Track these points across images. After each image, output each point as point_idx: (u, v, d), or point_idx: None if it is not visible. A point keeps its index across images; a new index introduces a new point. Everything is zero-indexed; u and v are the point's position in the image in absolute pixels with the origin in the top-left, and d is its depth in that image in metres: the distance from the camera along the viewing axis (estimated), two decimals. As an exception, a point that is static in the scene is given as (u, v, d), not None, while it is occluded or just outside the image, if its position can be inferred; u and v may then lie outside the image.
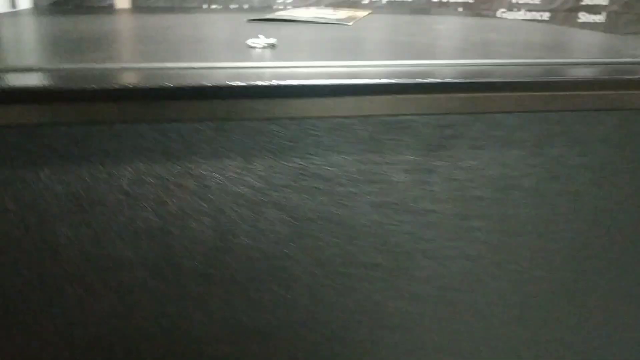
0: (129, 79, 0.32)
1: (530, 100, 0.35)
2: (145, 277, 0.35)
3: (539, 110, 0.36)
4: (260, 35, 0.44)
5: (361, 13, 0.78)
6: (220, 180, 0.34)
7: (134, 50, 0.43)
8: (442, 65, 0.38)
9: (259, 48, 0.42)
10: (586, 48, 0.52)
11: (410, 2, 1.15)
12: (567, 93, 0.35)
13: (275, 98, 0.32)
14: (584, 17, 1.22)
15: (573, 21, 1.21)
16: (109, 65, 0.35)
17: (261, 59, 0.38)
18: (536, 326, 0.42)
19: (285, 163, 0.34)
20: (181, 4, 1.06)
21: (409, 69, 0.36)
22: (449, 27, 0.67)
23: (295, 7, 1.06)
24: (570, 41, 0.58)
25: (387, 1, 1.14)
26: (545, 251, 0.40)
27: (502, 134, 0.36)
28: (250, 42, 0.43)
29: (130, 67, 0.35)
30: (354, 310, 0.39)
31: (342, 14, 0.73)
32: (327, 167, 0.34)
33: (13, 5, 0.95)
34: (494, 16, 1.14)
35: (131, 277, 0.35)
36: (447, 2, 1.16)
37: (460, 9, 1.16)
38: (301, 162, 0.34)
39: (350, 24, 0.62)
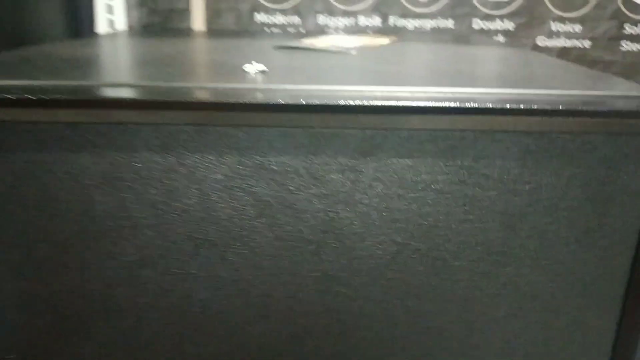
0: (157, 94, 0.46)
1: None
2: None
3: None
4: (252, 62, 0.57)
5: (382, 41, 0.90)
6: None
7: (172, 70, 0.58)
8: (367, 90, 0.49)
9: (252, 73, 0.56)
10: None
11: (452, 29, 1.25)
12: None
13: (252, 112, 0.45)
14: (626, 45, 1.26)
15: (615, 49, 1.26)
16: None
17: (251, 82, 0.52)
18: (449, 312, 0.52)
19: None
20: (247, 27, 1.22)
21: (342, 91, 0.48)
22: (444, 56, 0.78)
23: (345, 32, 1.19)
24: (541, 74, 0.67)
25: (431, 28, 1.25)
26: (459, 241, 0.50)
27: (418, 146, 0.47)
28: (245, 67, 0.57)
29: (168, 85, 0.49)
30: (305, 275, 0.51)
31: (361, 41, 0.85)
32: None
33: (112, 27, 1.15)
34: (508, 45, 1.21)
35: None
36: (488, 30, 1.24)
37: (499, 36, 1.24)
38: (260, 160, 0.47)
39: (354, 52, 0.74)
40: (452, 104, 0.45)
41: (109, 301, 0.51)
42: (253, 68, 0.56)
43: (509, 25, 1.23)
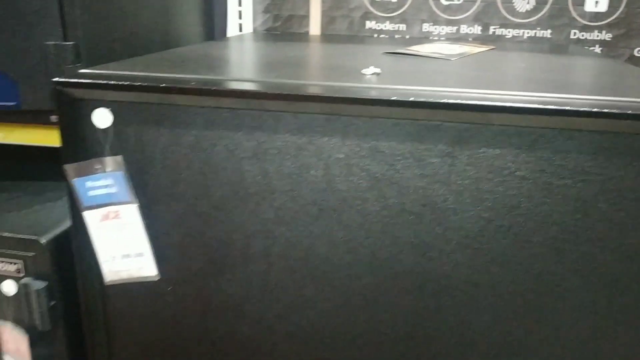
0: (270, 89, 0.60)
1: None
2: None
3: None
4: (370, 66, 0.70)
5: (481, 48, 0.99)
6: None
7: (292, 70, 0.72)
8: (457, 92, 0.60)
9: (368, 75, 0.68)
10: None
11: (550, 38, 1.31)
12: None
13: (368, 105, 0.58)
14: None
15: None
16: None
17: (368, 82, 0.64)
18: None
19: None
20: (357, 32, 1.34)
21: (432, 93, 0.59)
22: (536, 64, 0.86)
23: (447, 39, 1.29)
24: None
25: (528, 36, 1.32)
26: (536, 220, 0.60)
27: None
28: (363, 71, 0.69)
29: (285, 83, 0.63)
30: (405, 240, 0.62)
31: (462, 49, 0.95)
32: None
33: (240, 29, 1.31)
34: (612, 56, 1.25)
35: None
36: (585, 38, 1.30)
37: (597, 47, 1.29)
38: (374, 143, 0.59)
39: (454, 59, 0.84)
40: (535, 106, 0.55)
41: (248, 250, 0.65)
42: (369, 70, 0.69)
43: (607, 36, 1.28)
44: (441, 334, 0.64)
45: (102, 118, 0.63)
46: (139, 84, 0.61)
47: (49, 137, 0.89)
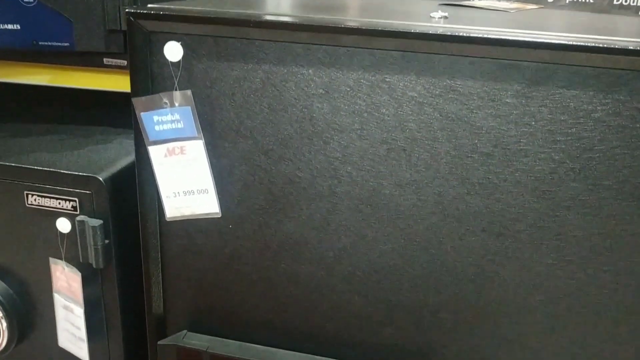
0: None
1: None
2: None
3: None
4: (438, 10, 0.69)
5: (532, 6, 0.99)
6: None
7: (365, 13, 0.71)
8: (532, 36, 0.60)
9: (437, 18, 0.68)
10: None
11: (592, 3, 1.30)
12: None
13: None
14: None
15: None
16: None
17: (437, 23, 0.64)
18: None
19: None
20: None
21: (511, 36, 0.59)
22: (593, 19, 0.86)
23: None
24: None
25: (569, 1, 1.31)
26: (609, 163, 0.60)
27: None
28: (431, 14, 0.69)
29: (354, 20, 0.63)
30: (473, 181, 0.62)
31: (515, 4, 0.95)
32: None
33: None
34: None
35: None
36: (628, 4, 1.28)
37: None
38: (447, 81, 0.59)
39: (512, 11, 0.84)
40: (615, 46, 0.55)
41: (312, 189, 0.66)
42: (437, 14, 0.68)
43: (652, 1, 1.27)
44: (504, 277, 0.65)
45: (173, 51, 0.63)
46: (214, 16, 0.61)
47: (101, 81, 0.89)
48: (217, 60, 0.63)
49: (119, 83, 0.88)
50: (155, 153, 0.67)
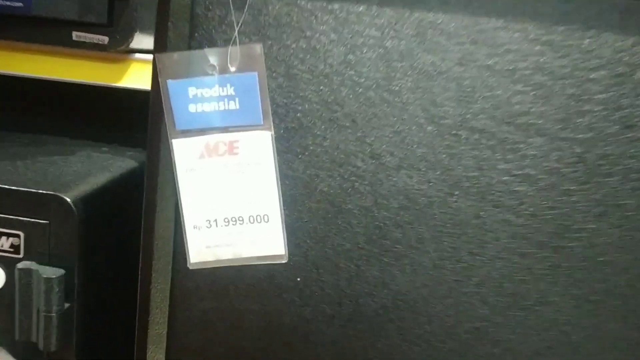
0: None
1: None
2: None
3: None
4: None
5: None
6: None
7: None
8: None
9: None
10: None
11: None
12: None
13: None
14: None
15: None
16: None
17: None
18: None
19: None
20: None
21: None
22: None
23: None
24: None
25: None
26: None
27: None
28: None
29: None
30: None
31: None
32: None
33: None
34: None
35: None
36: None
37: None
38: None
39: None
40: None
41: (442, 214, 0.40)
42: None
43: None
44: None
45: (238, -25, 0.37)
46: None
47: (66, 68, 0.60)
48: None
49: (94, 72, 0.60)
50: (184, 151, 0.39)
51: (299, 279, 0.42)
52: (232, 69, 0.38)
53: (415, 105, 0.38)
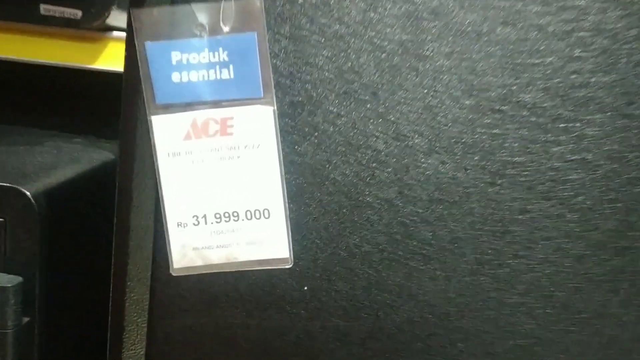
0: None
1: None
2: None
3: None
4: None
5: None
6: None
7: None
8: None
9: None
10: None
11: None
12: None
13: None
14: None
15: None
16: None
17: None
18: None
19: None
20: None
21: None
22: None
23: None
24: None
25: None
26: None
27: None
28: None
29: None
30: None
31: None
32: None
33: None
34: None
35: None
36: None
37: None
38: None
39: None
40: None
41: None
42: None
43: None
44: None
45: None
46: None
47: (33, 48, 0.53)
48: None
49: (65, 52, 0.53)
50: (166, 130, 0.32)
51: (305, 288, 0.34)
52: (226, 29, 0.31)
53: (450, 74, 0.32)
